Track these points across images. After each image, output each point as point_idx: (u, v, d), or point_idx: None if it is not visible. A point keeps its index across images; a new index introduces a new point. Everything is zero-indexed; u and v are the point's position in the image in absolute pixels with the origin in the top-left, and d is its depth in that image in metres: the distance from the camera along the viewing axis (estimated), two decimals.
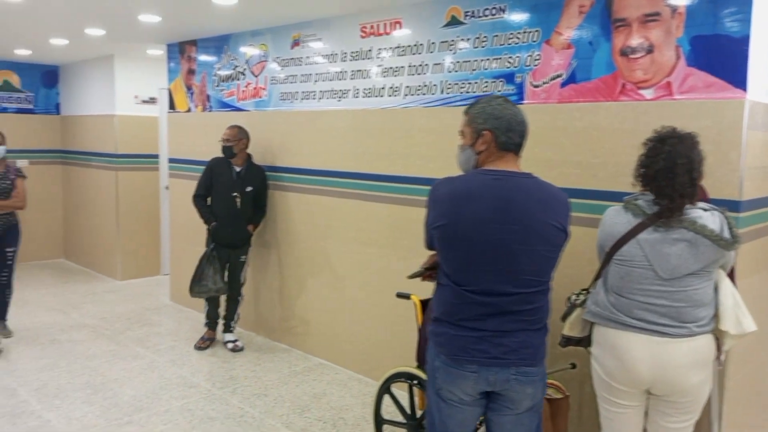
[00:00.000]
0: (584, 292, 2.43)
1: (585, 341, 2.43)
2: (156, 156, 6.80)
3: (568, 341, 2.46)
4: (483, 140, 1.99)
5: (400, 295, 3.01)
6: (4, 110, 7.24)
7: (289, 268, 4.77)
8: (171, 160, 5.94)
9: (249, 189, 4.62)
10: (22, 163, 6.92)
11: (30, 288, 6.37)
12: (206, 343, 4.76)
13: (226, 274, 4.67)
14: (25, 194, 4.73)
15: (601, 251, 2.34)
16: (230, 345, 4.71)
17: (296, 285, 4.73)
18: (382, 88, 4.02)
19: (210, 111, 5.42)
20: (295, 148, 4.67)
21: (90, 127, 7.08)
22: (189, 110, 5.66)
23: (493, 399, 2.03)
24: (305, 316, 4.67)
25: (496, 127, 1.97)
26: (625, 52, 2.93)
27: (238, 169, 4.64)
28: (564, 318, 2.46)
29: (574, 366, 2.86)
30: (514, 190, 1.93)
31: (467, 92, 3.59)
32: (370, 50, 4.08)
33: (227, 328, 4.78)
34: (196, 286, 4.56)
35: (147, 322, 5.37)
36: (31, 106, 7.44)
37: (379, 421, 3.09)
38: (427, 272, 2.45)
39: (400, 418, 3.03)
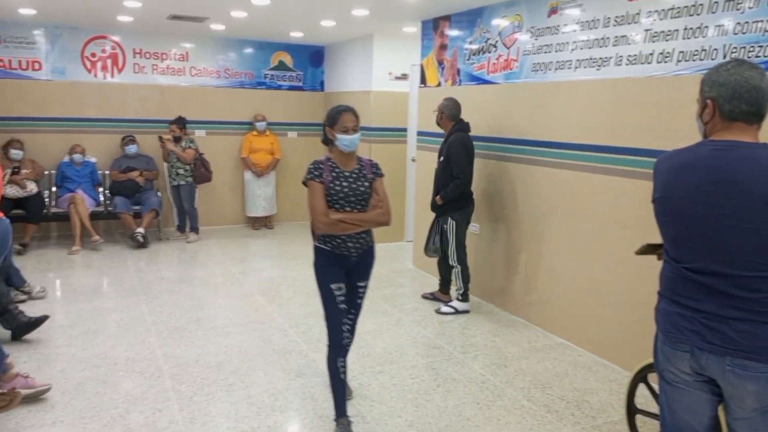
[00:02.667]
0: None
1: None
2: (404, 129, 7.19)
3: None
4: (707, 110, 1.84)
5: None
6: (279, 87, 8.26)
7: (533, 243, 4.71)
8: (419, 133, 6.22)
9: (441, 159, 4.85)
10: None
11: (297, 244, 7.27)
12: (428, 295, 5.31)
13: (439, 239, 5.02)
14: (389, 201, 3.18)
15: None
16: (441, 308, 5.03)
17: (539, 261, 4.65)
18: (650, 55, 3.70)
19: (459, 85, 5.54)
20: (544, 121, 4.55)
21: (349, 102, 7.71)
22: (439, 85, 5.86)
23: (720, 394, 1.87)
24: (547, 293, 4.58)
25: (720, 95, 1.79)
26: None
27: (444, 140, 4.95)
28: None
29: None
30: (738, 162, 1.72)
31: (757, 56, 3.13)
32: (637, 13, 3.78)
33: (446, 292, 5.17)
34: (425, 246, 5.13)
35: (393, 283, 5.77)
36: (300, 84, 8.38)
37: (632, 410, 2.92)
38: (657, 251, 2.16)
39: (655, 410, 2.83)
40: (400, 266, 6.40)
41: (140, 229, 6.89)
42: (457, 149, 4.72)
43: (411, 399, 3.49)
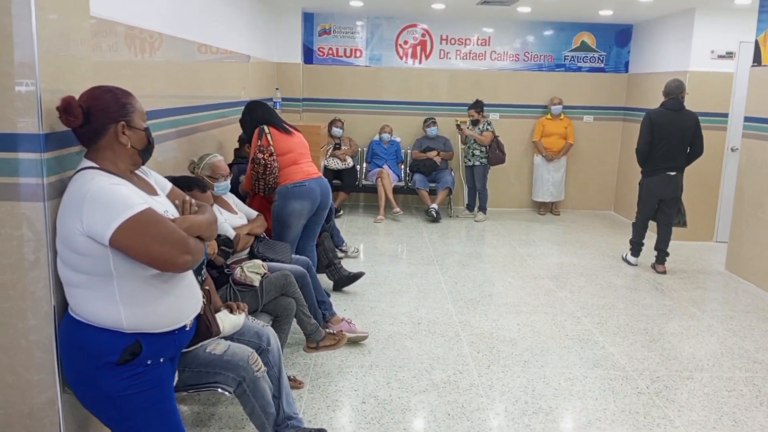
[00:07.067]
0: None
1: None
2: (725, 115, 6.37)
3: None
4: None
5: None
6: (579, 69, 7.98)
7: None
8: (749, 119, 5.43)
9: None
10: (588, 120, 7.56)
11: (584, 233, 7.02)
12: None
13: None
14: None
15: None
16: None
17: None
18: None
19: None
20: None
21: (657, 84, 7.11)
22: None
23: None
24: None
25: None
26: None
27: None
28: None
29: None
30: None
31: None
32: None
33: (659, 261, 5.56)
34: None
35: (700, 285, 5.20)
36: (602, 65, 7.97)
37: None
38: None
39: None
40: (708, 268, 5.73)
41: (434, 205, 7.34)
42: (642, 122, 5.32)
43: (727, 413, 3.11)
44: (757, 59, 5.35)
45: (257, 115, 4.03)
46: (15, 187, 1.74)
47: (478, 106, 7.43)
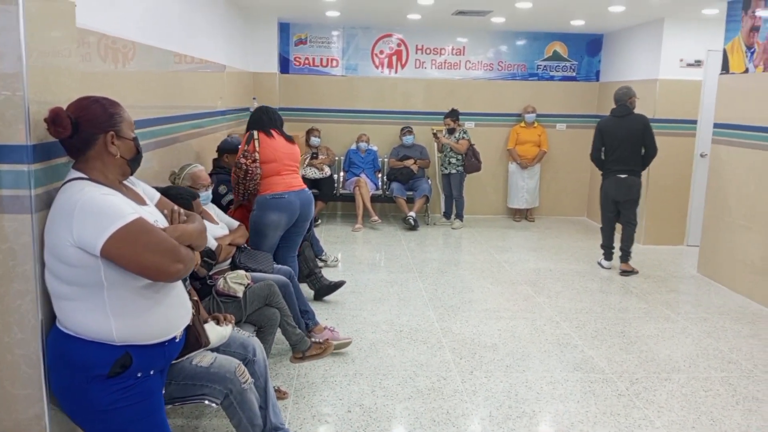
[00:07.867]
0: None
1: None
2: (693, 122, 6.55)
3: None
4: None
5: None
6: (551, 78, 8.12)
7: None
8: (719, 125, 5.59)
9: None
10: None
11: (559, 238, 7.13)
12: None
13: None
14: None
15: None
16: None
17: None
18: None
19: None
20: None
21: None
22: (746, 71, 5.19)
23: None
24: None
25: None
26: None
27: None
28: None
29: None
30: None
31: None
32: None
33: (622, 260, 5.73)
34: None
35: (674, 289, 5.32)
36: (573, 74, 8.13)
37: None
38: None
39: None
40: (681, 271, 5.87)
41: (412, 213, 7.38)
42: (594, 130, 5.77)
43: (705, 412, 3.19)
44: (725, 67, 5.52)
45: (252, 120, 4.08)
46: (1, 200, 1.72)
47: (453, 114, 7.51)
